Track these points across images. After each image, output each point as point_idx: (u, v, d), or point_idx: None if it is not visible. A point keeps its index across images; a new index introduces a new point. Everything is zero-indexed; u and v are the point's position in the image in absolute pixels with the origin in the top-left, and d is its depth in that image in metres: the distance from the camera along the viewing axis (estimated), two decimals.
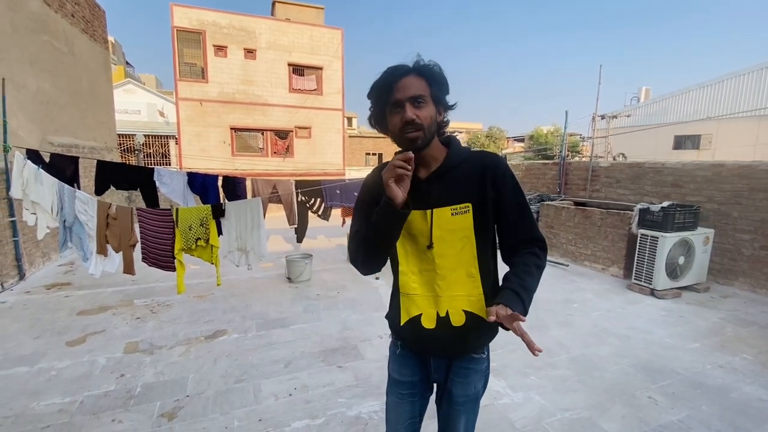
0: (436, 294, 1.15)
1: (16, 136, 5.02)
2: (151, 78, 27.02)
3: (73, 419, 2.25)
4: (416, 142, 1.06)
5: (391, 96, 1.05)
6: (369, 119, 1.17)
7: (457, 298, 1.15)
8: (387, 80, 1.06)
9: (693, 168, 5.13)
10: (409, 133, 1.05)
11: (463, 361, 1.22)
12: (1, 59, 4.98)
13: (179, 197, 4.51)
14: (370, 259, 1.16)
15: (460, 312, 1.15)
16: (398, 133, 1.07)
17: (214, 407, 2.38)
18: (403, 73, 1.06)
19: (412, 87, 1.05)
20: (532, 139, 26.38)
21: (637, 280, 4.55)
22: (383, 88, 1.07)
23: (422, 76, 1.07)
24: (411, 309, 1.19)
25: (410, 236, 1.16)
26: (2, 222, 4.62)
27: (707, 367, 2.89)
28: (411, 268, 1.18)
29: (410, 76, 1.06)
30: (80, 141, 7.05)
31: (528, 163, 8.49)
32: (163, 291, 4.46)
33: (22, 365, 2.84)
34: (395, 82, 1.05)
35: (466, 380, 1.22)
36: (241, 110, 13.25)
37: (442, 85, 1.10)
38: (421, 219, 1.13)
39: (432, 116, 1.08)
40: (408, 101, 1.04)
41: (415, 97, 1.04)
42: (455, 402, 1.23)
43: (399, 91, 1.05)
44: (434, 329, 1.16)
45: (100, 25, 8.30)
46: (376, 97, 1.10)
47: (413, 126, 1.04)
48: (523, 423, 2.24)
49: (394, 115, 1.07)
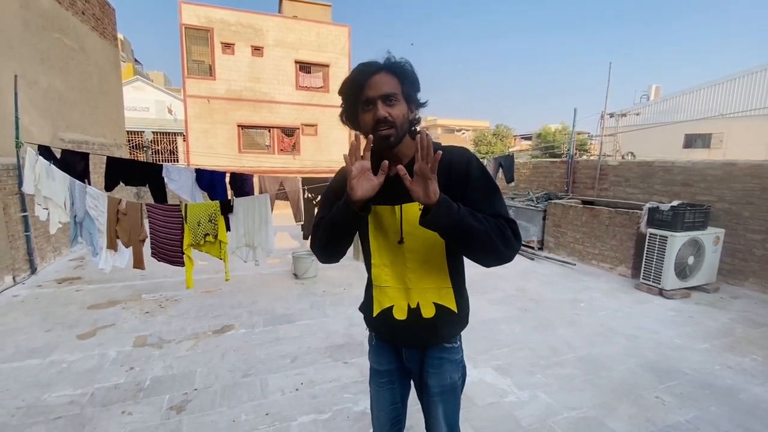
0: (407, 286, 1.18)
1: (28, 132, 5.09)
2: (159, 75, 27.23)
3: (84, 411, 2.29)
4: (389, 139, 1.06)
5: (363, 94, 1.05)
6: (340, 116, 1.17)
7: (427, 290, 1.18)
8: (358, 78, 1.06)
9: (704, 167, 5.06)
10: (382, 131, 1.05)
11: (436, 350, 1.24)
12: (13, 56, 5.05)
13: (187, 193, 4.55)
14: (327, 249, 1.18)
15: (431, 304, 1.18)
16: (370, 131, 1.06)
17: (221, 401, 2.41)
18: (374, 70, 1.05)
19: (384, 85, 1.04)
20: (540, 137, 26.17)
21: (646, 280, 4.51)
22: (354, 85, 1.07)
23: (394, 73, 1.06)
24: (383, 301, 1.22)
25: (381, 230, 1.18)
26: (15, 217, 4.70)
27: (716, 367, 2.86)
28: (383, 260, 1.20)
29: (381, 74, 1.05)
30: (90, 137, 7.13)
31: (535, 162, 8.44)
32: (172, 286, 4.50)
33: (34, 357, 2.89)
34: (366, 80, 1.04)
35: (440, 370, 1.24)
36: (248, 107, 13.31)
37: (414, 83, 1.10)
38: (390, 214, 1.15)
39: (404, 114, 1.08)
40: (380, 99, 1.04)
41: (387, 95, 1.04)
42: (431, 393, 1.25)
43: (370, 89, 1.04)
44: (405, 320, 1.19)
45: (109, 23, 8.37)
46: (347, 94, 1.10)
47: (386, 124, 1.04)
48: (529, 421, 2.24)
49: (365, 113, 1.07)
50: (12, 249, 4.57)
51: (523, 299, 4.25)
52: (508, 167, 6.99)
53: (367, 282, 1.31)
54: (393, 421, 1.35)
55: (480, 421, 2.22)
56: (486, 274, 4.10)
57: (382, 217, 1.16)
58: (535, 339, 3.27)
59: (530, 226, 6.67)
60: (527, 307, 4.02)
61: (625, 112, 15.38)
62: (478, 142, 27.84)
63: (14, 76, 4.78)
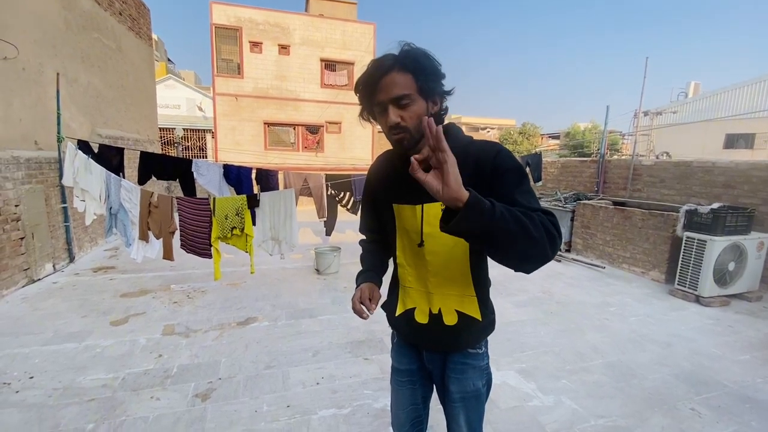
0: (429, 290, 1.14)
1: (69, 127, 5.35)
2: (190, 74, 28.10)
3: (116, 394, 2.39)
4: (402, 143, 1.02)
5: (375, 96, 1.00)
6: (360, 114, 1.12)
7: (449, 296, 1.12)
8: (370, 79, 1.00)
9: (747, 168, 4.77)
10: (394, 136, 1.01)
11: (459, 356, 1.19)
12: (56, 55, 5.30)
13: (215, 188, 4.66)
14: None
15: (453, 311, 1.12)
16: (386, 134, 1.03)
17: (244, 391, 2.45)
18: (385, 70, 0.98)
19: (394, 86, 0.97)
20: (568, 136, 25.39)
21: (681, 286, 4.29)
22: (367, 87, 1.02)
23: (406, 69, 0.97)
24: (407, 301, 1.19)
25: (404, 230, 1.14)
26: (56, 208, 4.95)
27: (758, 380, 2.68)
28: (407, 260, 1.16)
29: (393, 73, 0.97)
30: (125, 133, 7.43)
31: (564, 161, 8.18)
32: (199, 277, 4.64)
33: (71, 342, 3.03)
34: (377, 82, 0.99)
35: (463, 376, 1.18)
36: (274, 105, 13.54)
37: (432, 74, 1.00)
38: (411, 214, 1.10)
39: (419, 114, 0.99)
40: (390, 103, 0.98)
41: (399, 97, 0.97)
42: (453, 399, 1.20)
43: (381, 92, 0.98)
44: (427, 324, 1.15)
45: (145, 23, 8.68)
46: (362, 96, 1.05)
47: (398, 129, 0.99)
48: (554, 427, 2.17)
49: (380, 117, 1.03)
50: (52, 238, 4.82)
51: (549, 302, 4.13)
52: (536, 166, 6.81)
53: (392, 279, 1.28)
54: (414, 421, 1.32)
55: (503, 425, 2.17)
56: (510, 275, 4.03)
57: (404, 217, 1.12)
58: (561, 343, 3.16)
59: None
60: (553, 310, 3.91)
61: (660, 110, 14.71)
62: (503, 141, 27.31)
63: (56, 74, 5.03)
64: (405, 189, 1.08)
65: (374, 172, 1.25)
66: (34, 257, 4.39)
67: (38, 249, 4.48)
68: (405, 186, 1.06)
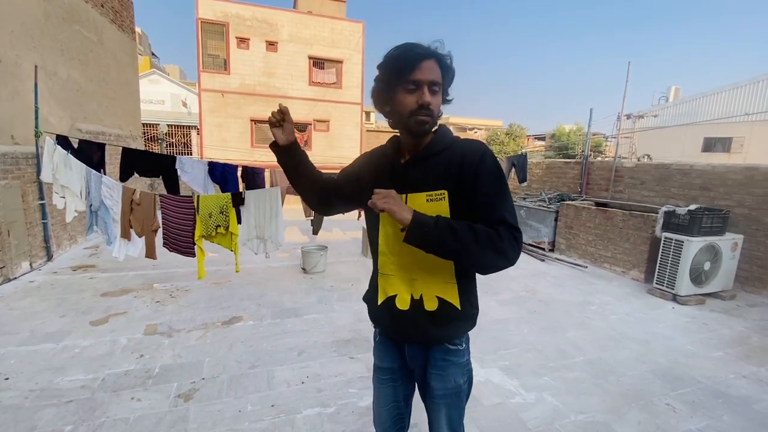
0: (412, 277, 1.16)
1: (47, 122, 5.20)
2: (175, 69, 27.54)
3: (95, 395, 2.34)
4: (424, 125, 1.06)
5: (411, 74, 1.03)
6: (372, 91, 1.15)
7: (431, 283, 1.15)
8: (408, 57, 1.03)
9: (724, 171, 4.93)
10: (421, 116, 1.05)
11: (440, 352, 1.21)
12: (34, 47, 5.15)
13: (200, 186, 4.59)
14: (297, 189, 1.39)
15: (434, 297, 1.15)
16: (407, 114, 1.05)
17: (228, 391, 2.43)
18: (426, 55, 1.03)
19: (432, 71, 1.04)
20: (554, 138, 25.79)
21: (659, 285, 4.42)
22: (403, 63, 1.03)
23: (441, 64, 1.06)
24: (387, 289, 1.21)
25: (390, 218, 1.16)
26: (33, 204, 4.81)
27: (730, 376, 2.79)
28: (390, 249, 1.18)
29: (431, 60, 1.04)
30: (107, 128, 7.25)
31: (549, 162, 8.32)
32: (183, 276, 4.57)
33: (49, 342, 2.96)
34: (418, 62, 1.02)
35: (445, 373, 1.21)
36: (261, 102, 13.40)
37: (451, 79, 1.11)
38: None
39: (440, 105, 1.09)
40: (427, 85, 1.03)
41: (434, 82, 1.04)
42: (435, 395, 1.22)
43: (421, 72, 1.02)
44: (408, 311, 1.17)
45: (128, 16, 8.49)
46: (391, 71, 1.06)
47: (427, 111, 1.04)
48: (535, 423, 2.21)
49: (408, 94, 1.05)
50: (29, 236, 4.68)
51: (532, 300, 4.20)
52: (521, 167, 6.91)
53: (373, 271, 1.30)
54: (395, 418, 1.33)
55: (486, 421, 2.20)
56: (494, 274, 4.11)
57: None
58: (543, 341, 3.23)
59: (542, 227, 6.59)
60: (536, 308, 3.98)
61: (642, 113, 15.07)
62: (490, 142, 27.55)
63: (35, 67, 4.88)
64: (393, 178, 1.13)
65: (368, 155, 1.31)
66: (9, 255, 4.26)
67: (14, 247, 4.35)
68: (394, 176, 1.14)
